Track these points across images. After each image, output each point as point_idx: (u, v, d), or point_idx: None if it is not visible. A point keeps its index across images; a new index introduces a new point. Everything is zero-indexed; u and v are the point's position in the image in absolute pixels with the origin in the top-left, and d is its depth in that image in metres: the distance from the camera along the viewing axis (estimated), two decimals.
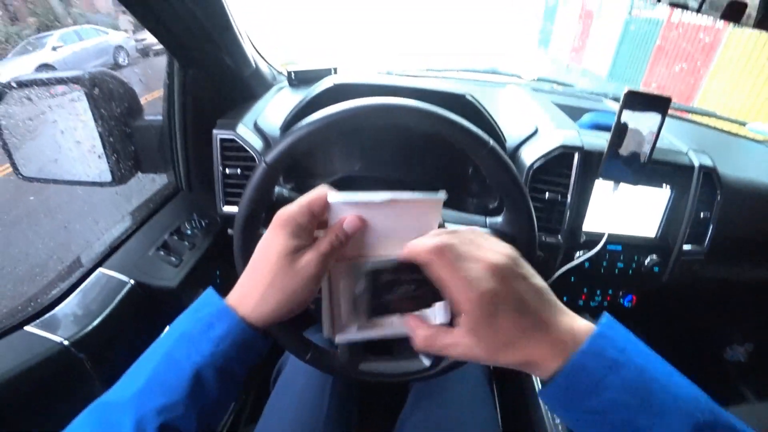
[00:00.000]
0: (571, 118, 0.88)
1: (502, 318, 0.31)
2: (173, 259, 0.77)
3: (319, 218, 0.39)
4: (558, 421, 0.77)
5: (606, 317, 0.33)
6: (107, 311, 0.64)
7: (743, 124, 1.24)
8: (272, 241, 0.38)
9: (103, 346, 0.62)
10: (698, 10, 0.93)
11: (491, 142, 0.47)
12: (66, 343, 0.57)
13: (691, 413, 0.29)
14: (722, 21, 0.95)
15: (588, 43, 7.40)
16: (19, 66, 3.93)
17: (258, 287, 0.37)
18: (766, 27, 0.87)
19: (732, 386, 1.33)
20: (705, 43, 5.08)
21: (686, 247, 0.82)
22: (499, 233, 0.51)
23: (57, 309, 0.62)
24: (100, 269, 0.69)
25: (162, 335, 0.37)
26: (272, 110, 0.87)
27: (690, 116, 1.24)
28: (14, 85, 0.78)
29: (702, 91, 5.07)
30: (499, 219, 0.51)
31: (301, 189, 0.84)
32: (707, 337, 1.33)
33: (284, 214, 0.38)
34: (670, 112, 1.19)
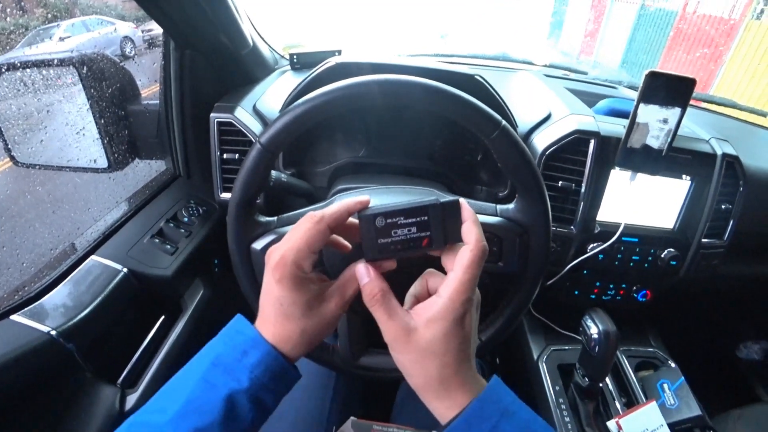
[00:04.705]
0: (586, 105, 0.84)
1: (461, 324, 0.33)
2: (168, 246, 0.74)
3: (318, 250, 0.36)
4: (558, 388, 0.75)
5: (495, 378, 0.34)
6: (98, 300, 0.61)
7: (765, 115, 1.19)
8: (278, 295, 0.35)
9: (94, 336, 0.60)
10: None
11: (503, 122, 0.43)
12: (54, 333, 0.54)
13: None
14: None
15: (600, 32, 7.24)
16: None
17: (284, 327, 0.36)
18: None
19: (745, 385, 1.29)
20: (722, 32, 4.95)
21: (706, 240, 0.78)
22: (511, 221, 0.47)
23: (45, 298, 0.59)
24: (93, 257, 0.67)
25: (195, 357, 0.37)
26: (273, 93, 0.84)
27: (709, 106, 1.19)
28: (4, 68, 0.75)
29: (719, 80, 4.95)
30: (510, 206, 0.48)
31: (303, 176, 0.82)
32: (721, 334, 1.29)
33: (278, 259, 0.34)
34: (693, 102, 1.16)
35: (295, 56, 0.93)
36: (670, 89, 0.66)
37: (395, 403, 0.70)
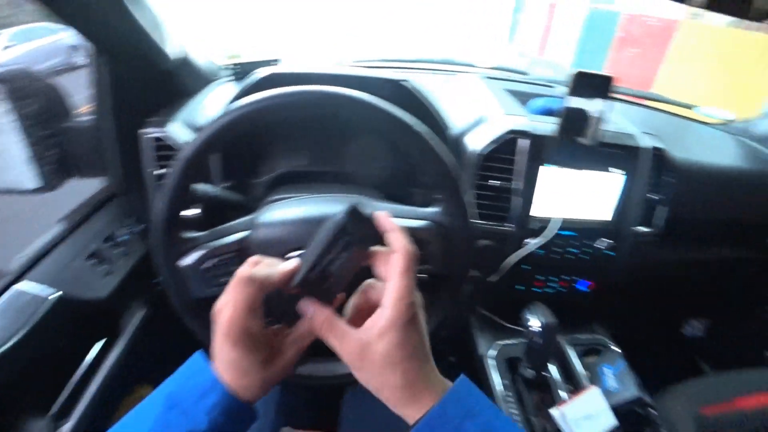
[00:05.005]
0: (525, 105, 0.87)
1: (411, 331, 0.33)
2: (104, 267, 0.72)
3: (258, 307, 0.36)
4: (506, 381, 0.76)
5: (461, 377, 0.35)
6: (26, 329, 0.58)
7: (691, 107, 1.27)
8: (233, 357, 0.34)
9: (21, 367, 0.57)
10: None
11: (416, 125, 0.44)
12: None
13: None
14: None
15: (552, 34, 7.54)
16: None
17: (242, 380, 0.35)
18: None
19: (691, 361, 1.37)
20: (661, 32, 5.26)
21: (640, 229, 0.83)
22: (434, 223, 0.49)
23: None
24: (20, 284, 0.64)
25: (150, 397, 0.36)
26: (210, 105, 0.82)
27: (641, 101, 1.26)
28: None
29: (659, 78, 5.24)
30: (433, 209, 0.49)
31: (241, 187, 0.81)
32: (666, 315, 1.36)
33: (225, 325, 0.34)
34: (622, 96, 1.22)
35: (235, 66, 0.92)
36: (594, 86, 0.70)
37: (342, 411, 0.71)
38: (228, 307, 0.34)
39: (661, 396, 0.84)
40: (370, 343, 0.33)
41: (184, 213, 0.49)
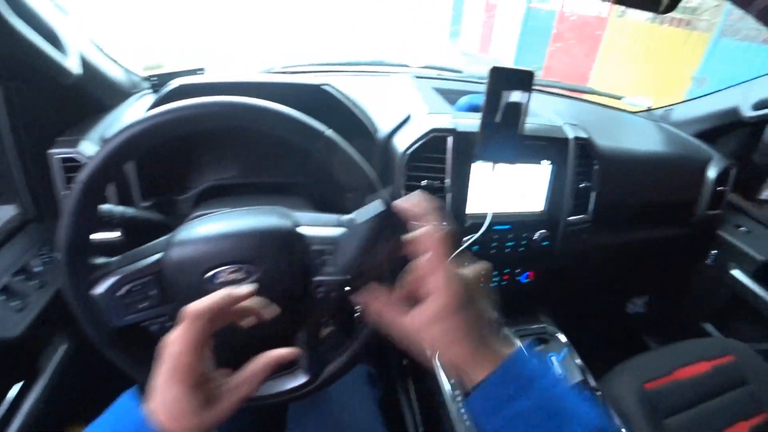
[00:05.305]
0: (454, 102, 0.87)
1: (459, 316, 0.34)
2: (16, 303, 0.65)
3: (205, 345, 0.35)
4: (453, 381, 0.76)
5: (518, 348, 0.36)
6: None
7: (620, 98, 1.34)
8: (172, 396, 0.33)
9: None
10: None
11: (327, 130, 0.43)
12: None
13: (591, 421, 0.33)
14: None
15: (494, 33, 7.82)
16: None
17: (179, 422, 0.33)
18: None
19: (637, 337, 1.44)
20: (593, 29, 5.59)
21: (572, 218, 0.85)
22: (356, 230, 0.47)
23: None
24: None
25: None
26: (128, 119, 0.77)
27: (574, 94, 1.32)
28: None
29: (594, 72, 5.57)
30: (352, 215, 0.48)
31: (165, 205, 0.76)
32: (608, 296, 1.42)
33: (169, 363, 0.33)
34: (554, 90, 1.27)
35: (154, 78, 0.87)
36: (514, 81, 0.71)
37: (287, 427, 0.68)
38: (176, 343, 0.33)
39: (607, 375, 0.87)
40: (422, 329, 0.35)
41: (99, 237, 0.45)
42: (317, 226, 0.47)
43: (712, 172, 1.07)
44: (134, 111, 0.81)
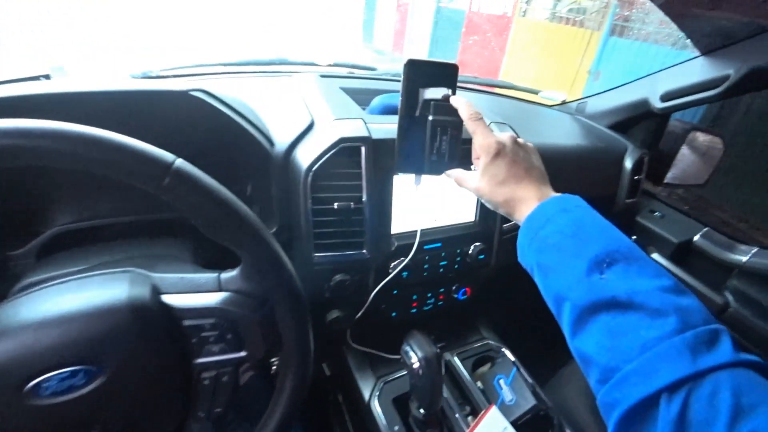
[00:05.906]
0: (367, 104, 0.76)
1: (500, 165, 0.46)
2: None
3: None
4: (397, 427, 0.66)
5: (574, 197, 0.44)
6: None
7: (536, 92, 1.33)
8: None
9: None
10: None
11: (177, 160, 0.28)
12: None
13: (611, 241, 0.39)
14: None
15: (406, 31, 7.90)
16: None
17: None
18: None
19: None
20: (499, 27, 5.89)
21: (506, 225, 0.78)
22: (240, 294, 0.33)
23: None
24: None
25: None
26: None
27: (490, 89, 1.28)
28: None
29: (504, 68, 5.86)
30: (234, 273, 0.34)
31: None
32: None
33: None
34: (474, 86, 1.21)
35: None
36: (435, 76, 0.60)
37: None
38: None
39: (557, 384, 0.82)
40: (479, 180, 0.47)
41: None
42: (189, 293, 0.33)
43: (628, 162, 1.08)
44: None
